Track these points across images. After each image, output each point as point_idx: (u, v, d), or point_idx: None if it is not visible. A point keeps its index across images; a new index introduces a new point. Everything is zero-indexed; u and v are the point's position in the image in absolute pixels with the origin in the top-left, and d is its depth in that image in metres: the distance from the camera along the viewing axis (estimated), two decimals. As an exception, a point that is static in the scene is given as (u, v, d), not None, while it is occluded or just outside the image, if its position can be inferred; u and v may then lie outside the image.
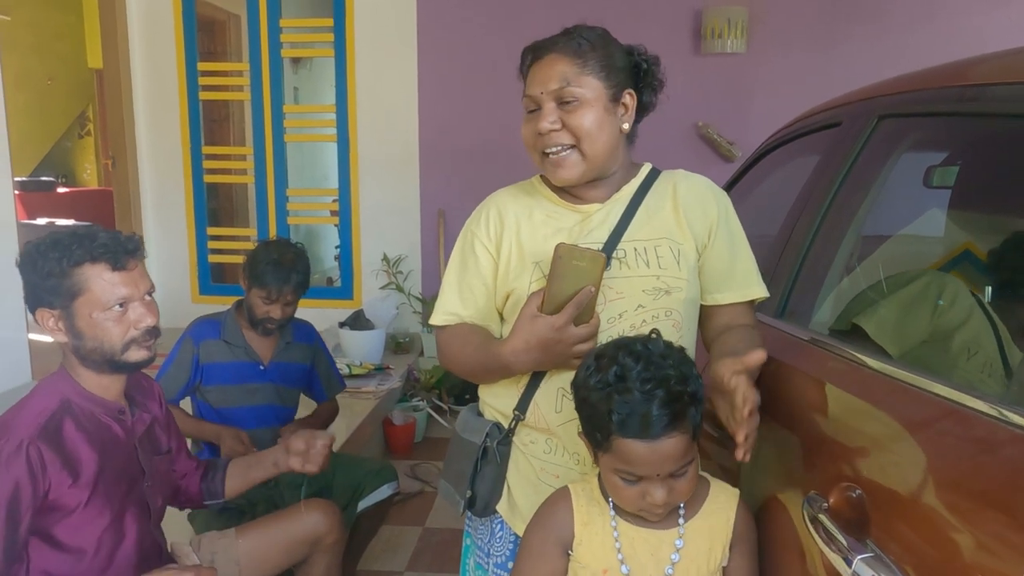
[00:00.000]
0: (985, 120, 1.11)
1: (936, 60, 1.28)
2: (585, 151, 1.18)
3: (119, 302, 1.31)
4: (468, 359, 1.25)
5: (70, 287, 1.29)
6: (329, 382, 2.37)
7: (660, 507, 1.03)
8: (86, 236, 1.31)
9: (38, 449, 1.25)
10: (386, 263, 4.46)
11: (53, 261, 1.27)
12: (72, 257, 1.28)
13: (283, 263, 2.08)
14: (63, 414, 1.32)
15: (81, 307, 1.30)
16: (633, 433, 0.98)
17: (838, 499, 0.89)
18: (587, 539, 1.09)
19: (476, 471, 1.26)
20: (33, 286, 1.31)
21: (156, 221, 4.67)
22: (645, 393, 0.98)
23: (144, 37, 4.52)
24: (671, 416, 0.98)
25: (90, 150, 8.23)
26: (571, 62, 1.17)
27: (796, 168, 1.67)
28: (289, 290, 2.08)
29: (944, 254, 1.44)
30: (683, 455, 1.00)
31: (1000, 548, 0.69)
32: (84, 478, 1.30)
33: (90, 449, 1.32)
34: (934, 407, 0.87)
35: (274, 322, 2.12)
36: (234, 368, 2.13)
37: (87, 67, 7.62)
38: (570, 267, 1.10)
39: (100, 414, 1.37)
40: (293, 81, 5.63)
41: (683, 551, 1.06)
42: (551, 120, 1.17)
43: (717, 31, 4.00)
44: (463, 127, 4.36)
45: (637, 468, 1.00)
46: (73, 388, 1.35)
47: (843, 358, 1.11)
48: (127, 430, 1.41)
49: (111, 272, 1.30)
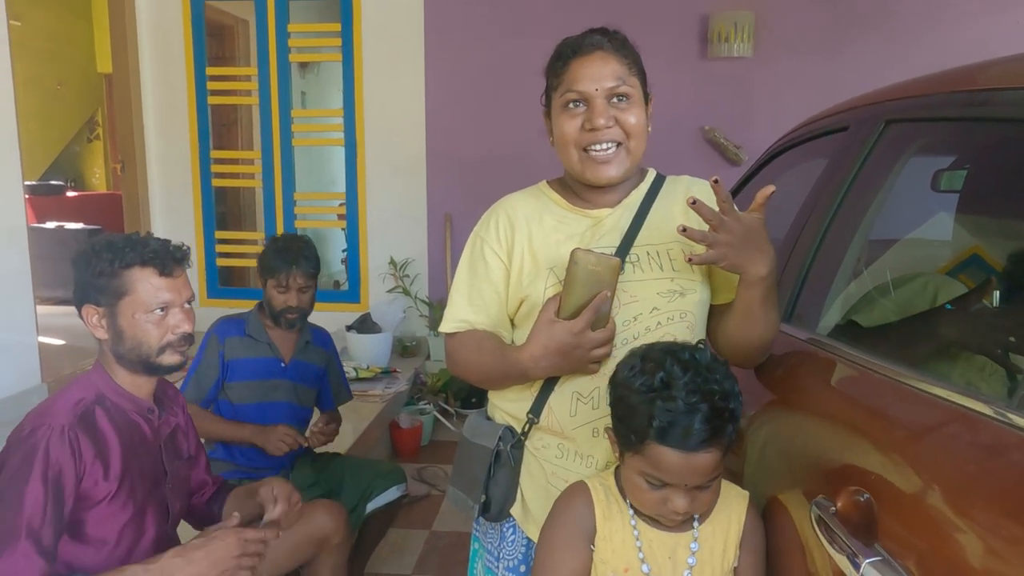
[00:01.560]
0: (993, 124, 1.11)
1: (943, 65, 1.28)
2: (632, 149, 1.20)
3: (161, 306, 1.37)
4: (483, 365, 1.25)
5: (118, 287, 1.35)
6: (338, 391, 2.40)
7: (680, 516, 1.03)
8: (139, 241, 1.38)
9: (77, 435, 1.29)
10: (393, 267, 4.48)
11: (105, 261, 1.34)
12: (124, 259, 1.34)
13: (289, 248, 2.16)
14: (96, 406, 1.36)
15: (125, 307, 1.35)
16: (671, 442, 0.98)
17: (846, 503, 0.89)
18: (608, 535, 1.09)
19: (489, 475, 1.26)
20: (83, 283, 1.36)
21: (164, 225, 4.70)
22: (690, 405, 0.98)
23: (153, 42, 4.55)
24: (711, 431, 0.98)
25: (99, 154, 8.28)
26: (620, 61, 1.19)
27: (803, 172, 1.67)
28: (299, 273, 2.14)
29: (952, 258, 1.44)
30: (713, 469, 1.01)
31: (1007, 552, 0.69)
32: (113, 471, 1.34)
33: (120, 444, 1.36)
34: (941, 411, 0.87)
35: (294, 311, 2.16)
36: (257, 364, 2.17)
37: (96, 72, 7.68)
38: (586, 272, 1.11)
39: (131, 411, 1.40)
40: (301, 86, 5.66)
41: (698, 554, 1.07)
42: (607, 117, 1.17)
43: (724, 35, 4.00)
44: (470, 131, 4.37)
45: (667, 476, 1.00)
46: (108, 384, 1.39)
47: (850, 362, 1.11)
48: (154, 430, 1.44)
49: (158, 277, 1.36)
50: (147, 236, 1.41)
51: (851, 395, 1.10)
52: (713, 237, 1.07)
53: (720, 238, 1.07)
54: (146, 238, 1.40)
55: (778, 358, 1.27)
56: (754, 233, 1.08)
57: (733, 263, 1.09)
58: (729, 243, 1.07)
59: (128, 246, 1.36)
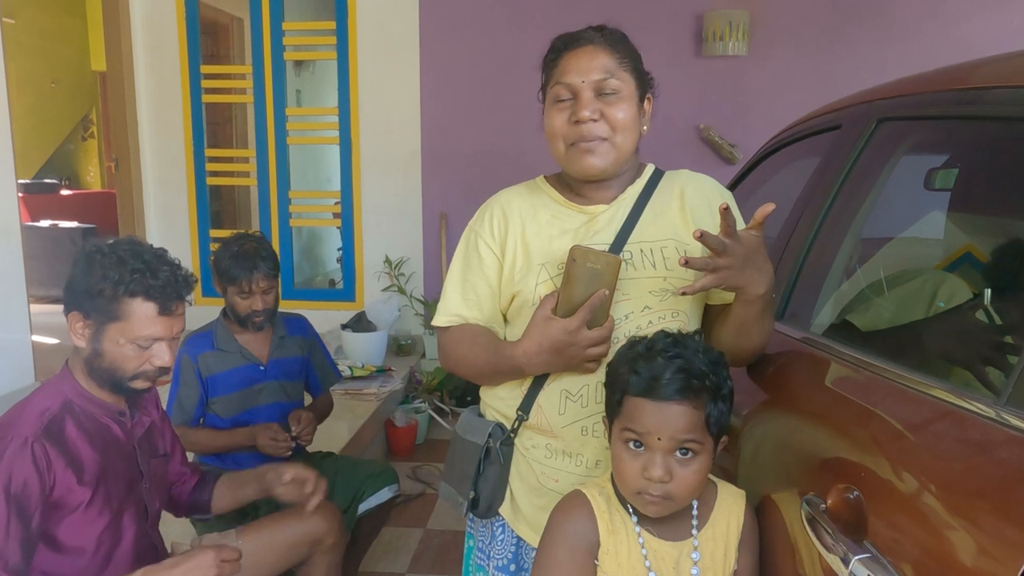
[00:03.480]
0: (984, 123, 1.11)
1: (938, 62, 1.28)
2: (617, 144, 1.18)
3: (150, 341, 1.34)
4: (476, 360, 1.25)
5: (113, 310, 1.31)
6: (324, 373, 2.36)
7: (655, 487, 1.00)
8: (148, 269, 1.32)
9: (43, 447, 1.26)
10: (388, 265, 4.47)
11: (110, 283, 1.29)
12: (128, 288, 1.30)
13: (246, 252, 2.06)
14: (64, 414, 1.33)
15: (113, 330, 1.32)
16: (645, 391, 1.00)
17: (836, 500, 0.90)
18: (613, 548, 1.05)
19: (479, 472, 1.26)
20: (78, 290, 1.32)
21: (159, 223, 4.69)
22: (667, 359, 1.00)
23: (147, 40, 4.54)
24: (684, 382, 0.99)
25: (93, 153, 8.26)
26: (611, 55, 1.18)
27: (796, 171, 1.67)
28: (260, 276, 2.06)
29: (945, 256, 1.45)
30: (688, 429, 0.99)
31: (994, 548, 0.69)
32: (87, 477, 1.31)
33: (92, 449, 1.34)
34: (931, 408, 0.88)
35: (260, 314, 2.10)
36: (235, 374, 2.13)
37: (91, 70, 7.66)
38: (584, 270, 1.10)
39: (100, 415, 1.38)
40: (295, 84, 5.65)
41: (701, 563, 1.05)
42: (592, 110, 1.16)
43: (718, 34, 4.01)
44: (465, 130, 4.37)
45: (640, 427, 1.00)
46: (75, 389, 1.37)
47: (842, 360, 1.11)
48: (127, 432, 1.42)
49: (156, 314, 1.32)
50: (159, 259, 1.35)
51: (843, 393, 1.11)
52: (715, 263, 1.03)
53: (721, 262, 1.03)
54: (157, 264, 1.34)
55: (770, 356, 1.27)
56: (754, 253, 1.05)
57: (733, 285, 1.07)
58: (730, 266, 1.03)
59: (137, 273, 1.30)
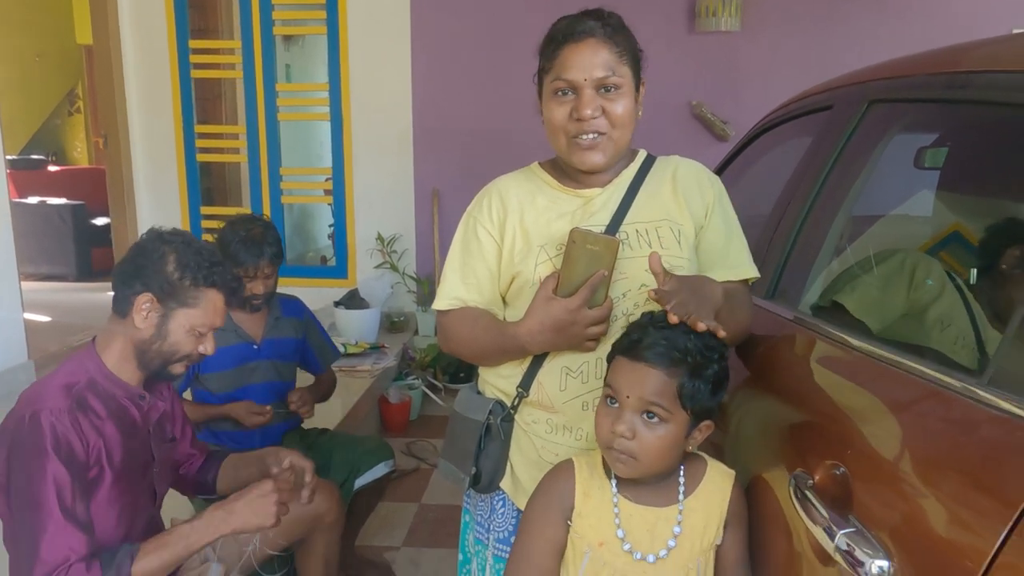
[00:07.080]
0: (974, 106, 1.13)
1: (931, 39, 1.29)
2: (616, 138, 1.21)
3: (212, 329, 1.44)
4: (479, 340, 1.27)
5: (191, 298, 1.40)
6: (323, 352, 2.38)
7: (619, 442, 1.03)
8: (222, 264, 1.46)
9: (77, 419, 1.30)
10: (380, 242, 4.47)
11: (195, 270, 1.40)
12: (211, 278, 1.42)
13: (254, 238, 2.09)
14: (88, 391, 1.35)
15: (184, 315, 1.40)
16: (623, 349, 1.06)
17: (823, 476, 0.92)
18: (586, 511, 1.11)
19: (480, 448, 1.29)
20: (152, 273, 1.38)
21: (149, 200, 4.66)
22: (656, 329, 1.04)
23: (134, 13, 4.47)
24: (662, 349, 1.02)
25: (80, 128, 8.16)
26: (612, 50, 1.19)
27: (788, 150, 1.69)
28: (265, 263, 2.09)
29: (933, 235, 1.47)
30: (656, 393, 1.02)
31: (975, 522, 0.72)
32: (115, 455, 1.35)
33: (115, 429, 1.36)
34: (915, 387, 0.90)
35: (259, 297, 2.13)
36: (229, 352, 2.14)
37: (76, 43, 7.53)
38: (584, 251, 1.13)
39: (120, 396, 1.40)
40: (285, 58, 5.58)
41: (679, 531, 1.08)
42: (594, 108, 1.18)
43: (711, 9, 3.98)
44: (457, 106, 4.34)
45: (614, 381, 1.06)
46: (99, 368, 1.39)
47: (830, 338, 1.13)
48: (143, 415, 1.45)
49: (223, 305, 1.45)
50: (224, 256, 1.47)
51: (831, 370, 1.13)
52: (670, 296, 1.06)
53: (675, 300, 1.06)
54: (225, 262, 1.48)
55: (759, 335, 1.30)
56: (694, 285, 1.10)
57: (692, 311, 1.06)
58: (683, 302, 1.05)
59: (220, 266, 1.44)
